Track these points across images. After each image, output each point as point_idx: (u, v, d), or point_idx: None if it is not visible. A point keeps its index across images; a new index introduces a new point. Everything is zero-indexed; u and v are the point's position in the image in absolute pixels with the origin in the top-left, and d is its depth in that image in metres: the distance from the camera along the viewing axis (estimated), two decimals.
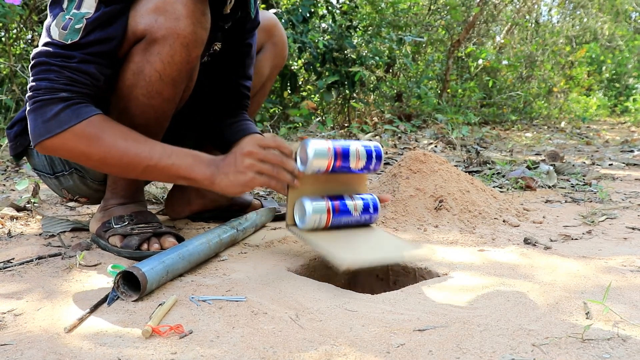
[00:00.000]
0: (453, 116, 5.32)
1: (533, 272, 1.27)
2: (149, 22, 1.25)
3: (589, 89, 10.65)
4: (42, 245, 1.46)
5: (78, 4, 1.19)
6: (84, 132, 1.18)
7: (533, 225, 1.75)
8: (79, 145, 1.19)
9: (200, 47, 1.31)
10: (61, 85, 1.17)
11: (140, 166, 1.23)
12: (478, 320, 0.99)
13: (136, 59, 1.28)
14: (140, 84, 1.30)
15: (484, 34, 8.73)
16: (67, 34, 1.18)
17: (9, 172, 2.68)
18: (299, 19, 4.68)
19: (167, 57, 1.27)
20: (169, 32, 1.25)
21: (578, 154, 4.05)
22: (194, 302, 1.06)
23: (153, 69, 1.28)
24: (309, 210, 1.25)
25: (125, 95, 1.31)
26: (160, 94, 1.32)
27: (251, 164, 1.23)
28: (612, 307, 1.02)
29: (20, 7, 3.32)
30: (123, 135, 1.22)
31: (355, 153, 1.30)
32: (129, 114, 1.33)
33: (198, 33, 1.28)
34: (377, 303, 1.08)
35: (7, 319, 1.00)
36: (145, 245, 1.35)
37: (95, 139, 1.19)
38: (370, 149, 1.33)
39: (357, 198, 1.33)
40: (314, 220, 1.26)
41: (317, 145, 1.24)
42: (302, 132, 4.55)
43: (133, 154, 1.21)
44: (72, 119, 1.17)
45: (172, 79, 1.31)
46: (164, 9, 1.24)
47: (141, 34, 1.26)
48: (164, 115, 1.38)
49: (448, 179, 1.80)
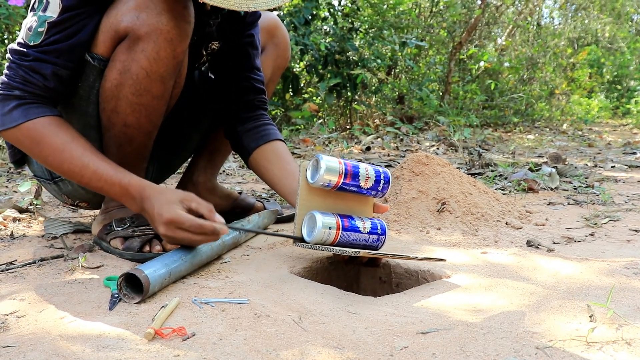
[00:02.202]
0: (455, 118, 5.32)
1: (536, 274, 1.27)
2: (131, 20, 1.24)
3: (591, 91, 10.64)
4: (44, 247, 1.46)
5: (45, 6, 1.21)
6: (29, 132, 1.22)
7: (536, 227, 1.75)
8: (25, 144, 1.24)
9: (185, 41, 1.31)
10: (15, 83, 1.22)
11: (75, 180, 1.27)
12: (481, 323, 0.98)
13: (122, 58, 1.28)
14: (128, 83, 1.29)
15: (486, 36, 8.73)
16: (31, 36, 1.22)
17: (12, 173, 2.68)
18: (300, 22, 4.68)
19: (153, 54, 1.27)
20: (152, 28, 1.25)
21: (580, 156, 4.04)
22: (196, 304, 1.06)
23: (139, 66, 1.28)
24: (319, 223, 1.24)
25: (114, 95, 1.31)
26: (149, 91, 1.32)
27: (170, 236, 1.19)
28: (616, 309, 1.02)
29: (24, 8, 3.32)
30: (61, 146, 1.23)
31: (364, 174, 1.31)
32: (119, 114, 1.33)
33: (181, 27, 1.28)
34: (380, 305, 1.07)
35: (9, 320, 0.99)
36: (147, 247, 1.35)
37: (36, 142, 1.23)
38: (379, 172, 1.34)
39: (365, 219, 1.34)
40: (323, 233, 1.25)
41: (329, 160, 1.26)
42: (304, 134, 4.55)
43: (67, 168, 1.24)
44: (20, 117, 1.21)
45: (160, 75, 1.31)
46: (145, 5, 1.24)
47: (124, 32, 1.26)
48: (156, 113, 1.37)
49: (450, 181, 1.80)
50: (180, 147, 1.76)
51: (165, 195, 1.21)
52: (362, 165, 1.32)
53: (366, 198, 1.39)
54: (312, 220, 1.26)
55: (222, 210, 1.77)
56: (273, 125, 1.61)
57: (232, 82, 1.60)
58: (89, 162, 1.23)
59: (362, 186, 1.31)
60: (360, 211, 1.38)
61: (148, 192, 1.23)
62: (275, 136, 1.58)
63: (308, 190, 1.31)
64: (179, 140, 1.73)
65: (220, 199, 1.81)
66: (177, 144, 1.73)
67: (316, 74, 5.16)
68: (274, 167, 1.53)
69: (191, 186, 1.78)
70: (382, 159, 3.63)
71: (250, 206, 1.83)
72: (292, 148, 3.85)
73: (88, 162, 1.23)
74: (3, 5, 3.17)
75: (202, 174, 1.81)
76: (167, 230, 1.18)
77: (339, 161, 1.28)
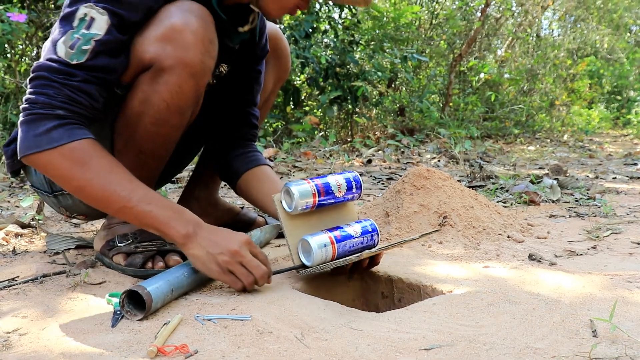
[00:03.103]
0: (456, 130, 5.33)
1: (538, 288, 1.26)
2: (157, 51, 1.24)
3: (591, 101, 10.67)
4: (46, 263, 1.46)
5: (88, 24, 1.18)
6: (72, 153, 1.16)
7: (537, 240, 1.75)
8: (62, 166, 1.16)
9: (207, 76, 1.32)
10: (59, 102, 1.16)
11: (117, 204, 1.18)
12: (484, 339, 0.98)
13: (144, 88, 1.29)
14: (148, 113, 1.30)
15: (486, 48, 8.77)
16: (74, 54, 1.17)
17: (14, 188, 2.69)
18: (301, 35, 4.71)
19: (175, 87, 1.27)
20: (177, 61, 1.25)
21: (581, 167, 4.05)
22: (199, 321, 1.06)
23: (161, 98, 1.28)
24: (314, 246, 1.25)
25: (133, 123, 1.32)
26: (168, 121, 1.33)
27: (229, 263, 1.19)
28: (619, 324, 1.01)
29: (26, 24, 3.35)
30: (109, 167, 1.19)
31: (335, 184, 1.33)
32: (136, 140, 1.34)
33: (206, 62, 1.29)
34: (383, 322, 1.07)
35: (12, 338, 0.99)
36: (149, 264, 1.35)
37: (80, 164, 1.16)
38: (348, 179, 1.35)
39: (352, 224, 1.35)
40: (321, 253, 1.25)
41: (298, 185, 1.27)
42: (305, 147, 4.56)
43: (112, 189, 1.17)
44: (64, 137, 1.15)
45: (180, 108, 1.32)
46: (172, 38, 1.24)
47: (148, 62, 1.26)
48: (171, 142, 1.39)
49: (452, 195, 1.80)
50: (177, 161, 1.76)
51: (229, 231, 1.24)
52: (331, 178, 1.33)
53: (345, 204, 1.41)
54: (306, 244, 1.27)
55: (224, 225, 1.77)
56: (260, 153, 1.68)
57: (229, 112, 1.64)
58: (138, 185, 1.20)
59: (337, 196, 1.33)
60: (345, 218, 1.40)
61: (204, 223, 1.24)
62: (264, 161, 1.64)
63: (290, 219, 1.31)
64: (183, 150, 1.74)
65: (222, 213, 1.81)
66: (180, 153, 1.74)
67: (317, 86, 5.18)
68: (264, 186, 1.58)
69: (193, 200, 1.79)
70: (383, 171, 3.63)
71: (251, 221, 1.83)
72: (294, 161, 3.86)
73: (138, 185, 1.20)
74: (6, 21, 3.19)
75: (204, 189, 1.81)
76: (231, 257, 1.19)
77: (307, 181, 1.29)
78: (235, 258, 1.19)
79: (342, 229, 1.32)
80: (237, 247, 1.20)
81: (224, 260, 1.19)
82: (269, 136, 4.63)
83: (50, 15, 4.01)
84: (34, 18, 3.86)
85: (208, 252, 1.19)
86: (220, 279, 1.20)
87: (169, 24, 1.24)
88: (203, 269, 1.20)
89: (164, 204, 1.21)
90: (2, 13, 3.23)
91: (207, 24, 1.28)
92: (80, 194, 1.21)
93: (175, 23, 1.24)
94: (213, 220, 1.75)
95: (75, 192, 1.21)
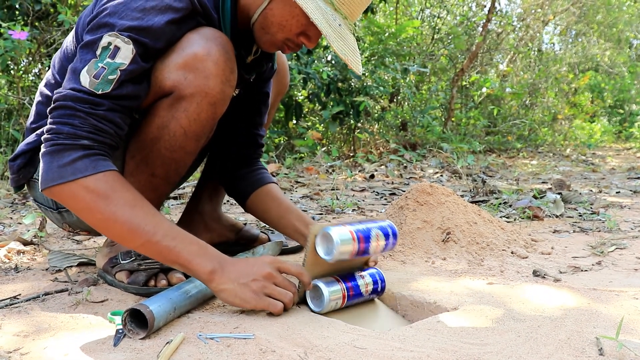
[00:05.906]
0: (458, 145, 5.33)
1: (543, 306, 1.25)
2: (178, 79, 1.25)
3: (593, 115, 10.68)
4: (48, 281, 1.46)
5: (113, 53, 1.17)
6: (96, 186, 1.14)
7: (542, 256, 1.74)
8: (85, 199, 1.14)
9: (226, 104, 1.33)
10: (84, 132, 1.15)
11: (141, 239, 1.16)
12: (489, 357, 0.97)
13: (162, 114, 1.29)
14: (164, 138, 1.31)
15: (487, 62, 8.81)
16: (99, 84, 1.16)
17: (16, 204, 2.69)
18: (303, 51, 4.73)
19: (194, 115, 1.28)
20: (198, 90, 1.26)
21: (584, 181, 4.04)
22: (201, 339, 1.05)
23: (178, 125, 1.29)
24: (326, 296, 1.23)
25: (148, 147, 1.33)
26: (183, 148, 1.33)
27: (264, 287, 1.17)
28: (625, 342, 1.00)
29: (29, 41, 3.38)
30: (133, 201, 1.17)
31: (375, 236, 1.28)
32: (149, 164, 1.34)
33: (226, 92, 1.30)
34: (387, 340, 1.06)
35: (13, 358, 0.99)
36: (152, 282, 1.35)
37: (103, 197, 1.14)
38: (386, 229, 1.31)
39: (365, 276, 1.33)
40: (331, 306, 1.25)
41: (340, 233, 1.20)
42: (307, 163, 4.56)
43: (137, 224, 1.15)
44: (89, 169, 1.14)
45: (196, 135, 1.33)
46: (194, 67, 1.25)
47: (169, 89, 1.27)
48: (184, 167, 1.40)
49: (455, 210, 1.80)
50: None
51: (251, 258, 1.25)
52: (373, 229, 1.28)
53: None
54: (317, 291, 1.25)
55: (227, 242, 1.77)
56: (266, 170, 1.71)
57: (237, 132, 1.66)
58: (162, 219, 1.18)
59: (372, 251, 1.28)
60: (357, 263, 1.37)
61: (227, 257, 1.22)
62: (270, 179, 1.68)
63: (315, 258, 1.25)
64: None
65: (225, 228, 1.81)
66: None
67: (319, 102, 5.20)
68: (271, 206, 1.63)
69: (197, 215, 1.78)
70: (386, 186, 3.63)
71: (254, 237, 1.83)
72: (296, 177, 3.86)
73: (161, 220, 1.18)
74: (9, 39, 3.22)
75: (207, 203, 1.81)
76: (265, 281, 1.18)
77: (349, 231, 1.22)
78: (269, 280, 1.19)
79: (357, 285, 1.29)
80: (269, 269, 1.19)
81: (259, 285, 1.17)
82: (271, 151, 4.64)
83: (53, 32, 4.04)
84: (37, 35, 3.89)
85: (239, 282, 1.16)
86: (258, 306, 1.17)
87: (192, 52, 1.25)
88: (237, 301, 1.16)
89: (188, 239, 1.19)
90: (4, 31, 3.27)
91: (228, 53, 1.29)
92: (102, 227, 1.19)
93: (197, 52, 1.25)
94: (216, 236, 1.75)
95: (97, 226, 1.18)
